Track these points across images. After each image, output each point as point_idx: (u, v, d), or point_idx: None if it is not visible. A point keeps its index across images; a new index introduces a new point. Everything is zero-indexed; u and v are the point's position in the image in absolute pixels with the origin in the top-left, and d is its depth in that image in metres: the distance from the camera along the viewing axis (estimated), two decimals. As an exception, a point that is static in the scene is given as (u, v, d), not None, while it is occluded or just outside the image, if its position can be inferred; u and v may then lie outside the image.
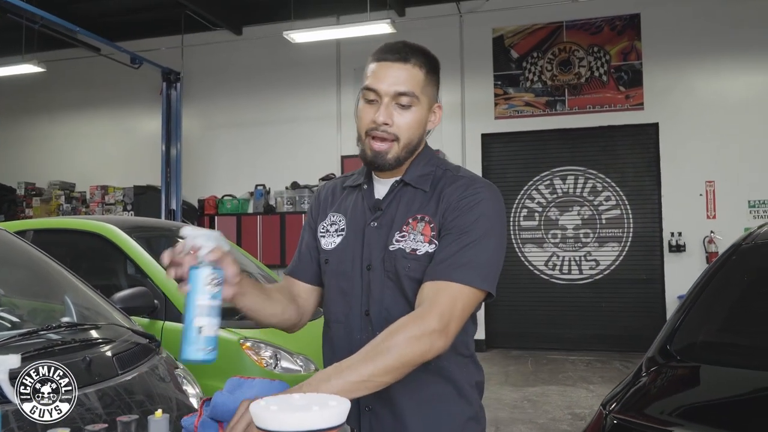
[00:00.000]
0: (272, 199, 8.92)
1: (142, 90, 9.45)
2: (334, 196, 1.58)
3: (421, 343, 1.19)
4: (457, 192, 1.37)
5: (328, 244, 1.50)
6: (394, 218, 1.42)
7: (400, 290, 1.38)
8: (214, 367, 3.33)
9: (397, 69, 1.39)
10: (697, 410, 1.31)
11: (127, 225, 3.93)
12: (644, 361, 1.52)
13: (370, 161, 1.43)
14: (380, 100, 1.38)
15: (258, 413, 0.91)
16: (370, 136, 1.40)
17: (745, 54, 7.59)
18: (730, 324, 1.61)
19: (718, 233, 7.52)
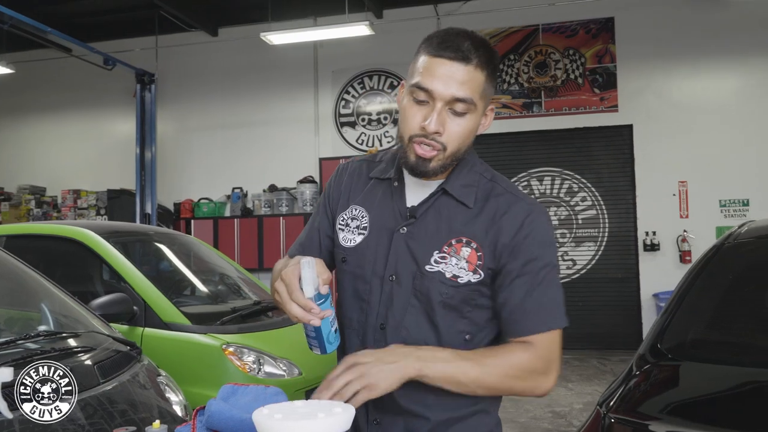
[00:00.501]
0: (249, 202, 8.85)
1: (116, 92, 9.31)
2: (357, 183, 1.42)
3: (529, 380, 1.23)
4: (518, 221, 1.25)
5: (347, 240, 1.37)
6: (429, 232, 1.29)
7: (426, 314, 1.29)
8: (196, 374, 3.31)
9: (456, 70, 1.20)
10: (692, 407, 1.33)
11: (104, 230, 3.87)
12: (635, 360, 1.53)
13: (411, 167, 1.27)
14: (432, 103, 1.22)
15: (261, 422, 0.90)
16: (413, 141, 1.25)
17: (715, 58, 7.75)
18: (717, 322, 1.64)
19: (690, 232, 7.66)
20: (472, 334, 1.29)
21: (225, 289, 4.41)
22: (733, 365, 1.40)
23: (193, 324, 3.43)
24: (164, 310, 3.44)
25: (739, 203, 7.61)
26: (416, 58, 1.26)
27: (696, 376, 1.43)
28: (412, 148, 1.24)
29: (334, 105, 8.86)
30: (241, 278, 4.60)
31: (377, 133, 8.72)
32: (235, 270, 4.69)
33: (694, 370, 1.44)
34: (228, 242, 8.45)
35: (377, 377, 1.15)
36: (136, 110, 8.59)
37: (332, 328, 1.20)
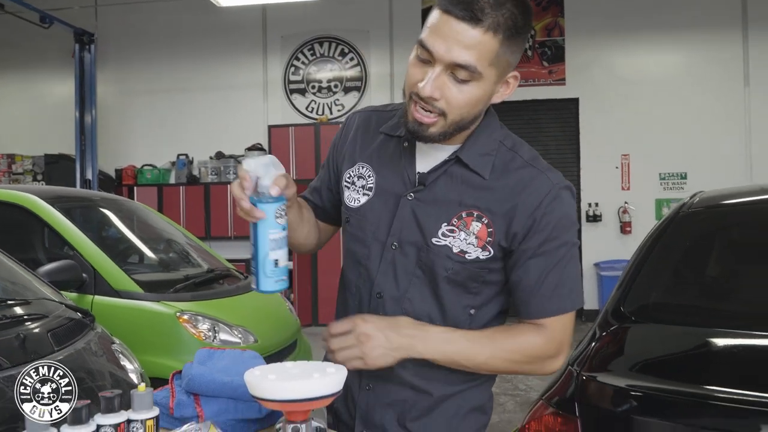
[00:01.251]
0: (195, 170, 8.65)
1: (53, 52, 8.86)
2: (365, 136, 1.33)
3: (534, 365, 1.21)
4: (539, 198, 1.17)
5: (351, 200, 1.30)
6: (438, 201, 1.21)
7: (431, 288, 1.23)
8: (150, 342, 3.26)
9: (463, 30, 1.06)
10: (658, 364, 1.41)
11: (49, 195, 3.72)
12: (598, 322, 1.60)
13: (409, 130, 1.17)
14: (433, 64, 1.10)
15: (254, 383, 0.90)
16: (412, 101, 1.14)
17: (659, 33, 7.94)
18: (677, 286, 1.72)
19: (631, 204, 7.92)
20: (477, 309, 1.24)
21: (176, 256, 4.33)
22: (693, 326, 1.48)
23: (145, 292, 3.36)
24: (115, 277, 3.35)
25: (678, 176, 7.91)
26: (433, 8, 1.13)
27: (660, 336, 1.50)
28: (411, 109, 1.15)
29: (283, 71, 8.70)
30: (192, 245, 4.52)
31: (328, 101, 8.62)
32: (184, 237, 4.60)
33: (657, 331, 1.52)
34: (173, 210, 8.25)
35: (375, 354, 1.13)
36: (75, 72, 8.21)
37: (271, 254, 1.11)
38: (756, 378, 1.24)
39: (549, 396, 1.36)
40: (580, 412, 1.24)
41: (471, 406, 1.28)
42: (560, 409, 1.27)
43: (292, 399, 0.88)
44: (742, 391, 1.16)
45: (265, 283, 1.12)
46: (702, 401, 1.15)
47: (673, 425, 1.16)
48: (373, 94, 8.42)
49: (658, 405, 1.18)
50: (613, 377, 1.31)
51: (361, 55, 8.51)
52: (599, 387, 1.28)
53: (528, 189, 1.18)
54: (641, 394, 1.23)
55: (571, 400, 1.29)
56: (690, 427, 1.13)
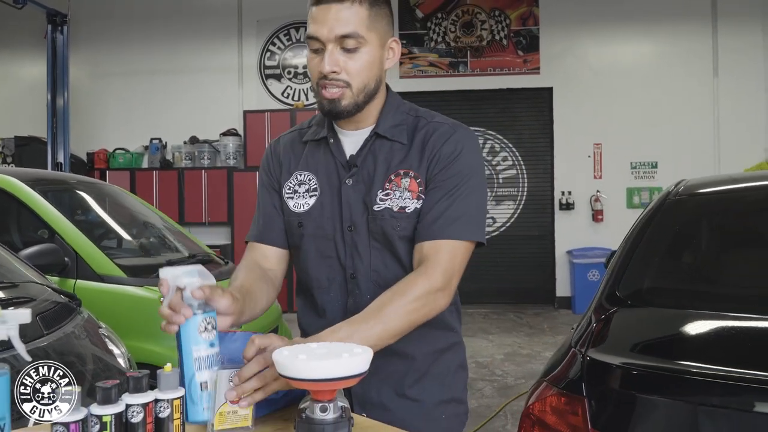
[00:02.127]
0: (169, 154, 8.55)
1: (24, 32, 8.62)
2: (294, 152, 1.46)
3: (428, 303, 1.23)
4: (440, 141, 1.32)
5: (299, 206, 1.40)
6: (372, 175, 1.34)
7: (390, 251, 1.34)
8: (134, 327, 3.24)
9: (336, 10, 1.26)
10: (659, 345, 1.47)
11: (28, 177, 3.65)
12: (595, 303, 1.65)
13: (327, 111, 1.33)
14: (324, 47, 1.28)
15: (285, 363, 0.92)
16: (320, 86, 1.31)
17: (632, 24, 8.08)
18: (670, 271, 1.79)
19: (603, 192, 8.07)
20: None
21: (156, 241, 4.30)
22: (688, 309, 1.54)
23: (128, 276, 3.34)
24: (98, 261, 3.32)
25: (649, 166, 8.08)
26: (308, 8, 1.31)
27: (656, 319, 1.56)
28: (321, 93, 1.31)
29: (259, 56, 8.62)
30: (170, 230, 4.48)
31: (304, 86, 8.57)
32: (162, 221, 4.56)
33: (654, 314, 1.58)
34: (146, 195, 8.13)
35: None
36: (47, 53, 8.00)
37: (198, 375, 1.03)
38: (753, 357, 1.31)
39: (553, 378, 1.40)
40: (587, 391, 1.28)
41: (457, 364, 1.42)
42: (566, 389, 1.32)
43: (322, 378, 0.90)
44: (743, 370, 1.22)
45: (193, 412, 1.02)
46: (703, 379, 1.21)
47: (678, 402, 1.22)
48: (350, 81, 8.41)
49: (662, 383, 1.23)
50: (617, 357, 1.36)
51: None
52: (605, 367, 1.33)
53: (434, 135, 1.33)
54: (646, 373, 1.28)
55: (577, 380, 1.33)
56: (693, 403, 1.19)
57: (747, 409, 1.14)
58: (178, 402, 0.98)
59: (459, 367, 1.43)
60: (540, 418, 1.32)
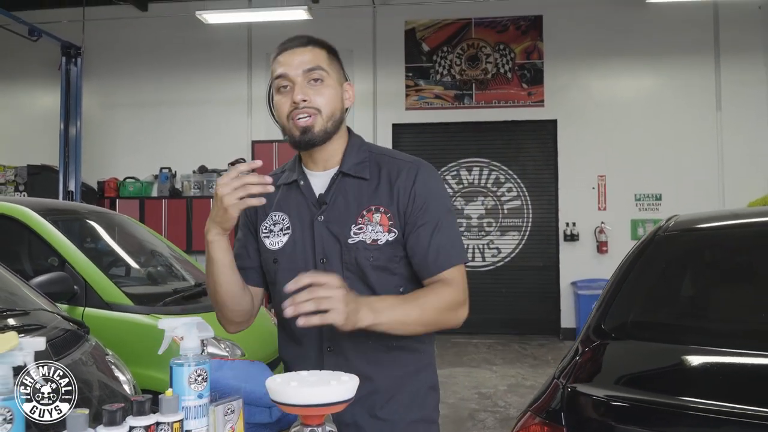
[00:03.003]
0: (178, 183, 8.69)
1: (39, 63, 8.86)
2: (268, 197, 1.49)
3: (454, 312, 1.40)
4: (410, 181, 1.44)
5: (274, 243, 1.50)
6: (342, 211, 1.45)
7: (362, 280, 1.43)
8: (140, 354, 3.30)
9: (300, 53, 1.46)
10: (638, 378, 1.52)
11: (40, 207, 3.76)
12: (580, 339, 1.71)
13: (299, 140, 1.44)
14: (293, 84, 1.43)
15: (277, 389, 0.99)
16: (292, 118, 1.43)
17: (634, 57, 8.21)
18: (655, 306, 1.84)
19: (607, 224, 8.12)
20: (404, 287, 1.45)
21: (163, 269, 4.38)
22: (672, 344, 1.60)
23: (135, 305, 3.41)
24: (106, 290, 3.40)
25: (653, 198, 8.14)
26: (271, 66, 1.49)
27: (638, 352, 1.62)
28: (293, 124, 1.43)
29: (268, 88, 8.76)
30: (177, 259, 4.57)
31: (311, 117, 8.71)
32: (170, 250, 4.65)
33: (636, 348, 1.64)
34: (155, 223, 8.25)
35: (337, 312, 1.20)
36: (61, 84, 8.22)
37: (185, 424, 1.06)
38: (729, 390, 1.36)
39: (536, 408, 1.46)
40: (566, 421, 1.34)
41: (429, 385, 1.51)
42: (547, 419, 1.37)
43: (312, 404, 0.97)
44: (716, 402, 1.27)
45: None
46: (680, 412, 1.27)
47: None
48: (356, 112, 8.55)
49: (639, 415, 1.29)
50: (597, 389, 1.41)
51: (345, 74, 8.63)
52: (584, 398, 1.38)
53: (401, 176, 1.46)
54: (623, 404, 1.34)
55: (557, 410, 1.39)
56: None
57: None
58: (178, 425, 1.05)
59: (430, 388, 1.51)
60: (524, 446, 1.38)
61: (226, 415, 1.11)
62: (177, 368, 1.11)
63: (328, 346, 1.43)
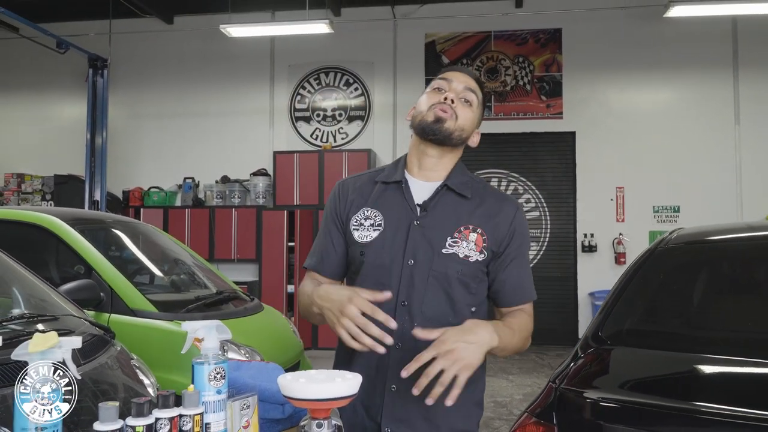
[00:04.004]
0: (201, 193, 8.87)
1: (66, 75, 9.15)
2: (363, 192, 1.64)
3: (529, 340, 1.58)
4: (511, 215, 1.58)
5: (363, 237, 1.57)
6: (440, 221, 1.55)
7: (444, 290, 1.53)
8: (163, 359, 3.42)
9: (467, 77, 1.62)
10: (626, 382, 1.60)
11: (69, 217, 3.91)
12: (579, 345, 1.79)
13: (428, 126, 1.56)
14: (448, 90, 1.58)
15: (287, 385, 1.09)
16: (434, 107, 1.57)
17: (653, 71, 8.23)
18: (649, 315, 1.92)
19: (626, 235, 8.13)
20: (477, 307, 1.57)
21: (186, 277, 4.51)
22: (661, 350, 1.68)
23: (159, 311, 3.54)
24: (131, 297, 3.53)
25: (671, 209, 8.13)
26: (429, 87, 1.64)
27: (630, 358, 1.70)
28: (432, 112, 1.56)
29: (289, 99, 8.97)
30: (200, 267, 4.70)
31: (332, 129, 8.87)
32: (193, 259, 4.79)
33: (628, 354, 1.72)
34: (179, 232, 8.45)
35: (469, 357, 1.31)
36: (88, 95, 8.47)
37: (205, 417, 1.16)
38: (713, 392, 1.44)
39: (532, 409, 1.56)
40: (557, 420, 1.43)
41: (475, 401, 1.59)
42: (541, 419, 1.46)
43: (318, 398, 1.07)
44: (696, 403, 1.36)
45: None
46: (661, 411, 1.35)
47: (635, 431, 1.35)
48: (377, 123, 8.68)
49: (623, 414, 1.37)
50: (585, 390, 1.50)
51: (365, 86, 8.79)
52: (573, 399, 1.47)
53: (503, 209, 1.59)
54: (609, 404, 1.43)
55: (549, 410, 1.49)
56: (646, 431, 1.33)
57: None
58: (199, 418, 1.15)
59: (475, 404, 1.60)
60: (520, 445, 1.47)
61: (242, 410, 1.22)
62: (198, 367, 1.21)
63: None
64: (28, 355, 1.05)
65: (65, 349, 1.10)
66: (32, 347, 1.05)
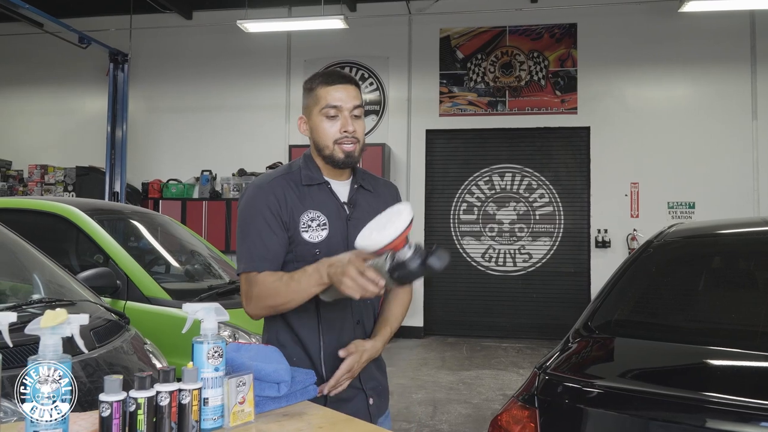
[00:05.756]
0: (218, 185, 9.01)
1: (88, 69, 9.33)
2: (293, 193, 1.76)
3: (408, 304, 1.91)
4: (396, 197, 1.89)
5: (315, 237, 1.73)
6: (365, 213, 1.73)
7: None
8: (175, 345, 3.53)
9: (351, 90, 1.75)
10: (611, 368, 1.66)
11: (88, 207, 4.04)
12: (571, 334, 1.85)
13: (342, 162, 1.75)
14: (341, 114, 1.72)
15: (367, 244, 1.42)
16: (338, 143, 1.73)
17: (668, 66, 8.20)
18: (638, 306, 1.97)
19: (640, 231, 8.11)
20: None
21: (200, 267, 4.63)
22: (647, 339, 1.74)
23: (173, 299, 3.65)
24: (146, 285, 3.65)
25: (686, 206, 8.11)
26: (311, 95, 1.75)
27: (616, 347, 1.76)
28: (339, 149, 1.74)
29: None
30: (214, 258, 4.81)
31: (347, 123, 8.94)
32: (207, 249, 4.90)
33: (615, 343, 1.78)
34: (196, 224, 8.60)
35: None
36: (108, 89, 8.64)
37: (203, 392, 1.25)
38: (690, 379, 1.50)
39: (518, 393, 1.63)
40: (539, 403, 1.49)
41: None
42: (525, 402, 1.53)
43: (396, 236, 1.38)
44: (677, 390, 1.42)
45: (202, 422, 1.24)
46: (630, 395, 1.42)
47: (611, 414, 1.41)
48: (391, 118, 8.74)
49: (601, 399, 1.43)
50: (566, 376, 1.57)
51: (380, 80, 8.85)
52: (554, 384, 1.54)
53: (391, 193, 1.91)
54: (587, 389, 1.49)
55: (532, 395, 1.55)
56: (623, 415, 1.39)
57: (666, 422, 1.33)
58: (196, 392, 1.24)
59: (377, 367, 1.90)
60: (505, 427, 1.53)
61: (238, 386, 1.30)
62: (197, 345, 1.30)
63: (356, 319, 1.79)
64: (40, 330, 1.14)
65: (74, 325, 1.19)
66: (44, 323, 1.14)
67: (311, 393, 1.54)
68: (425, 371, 6.55)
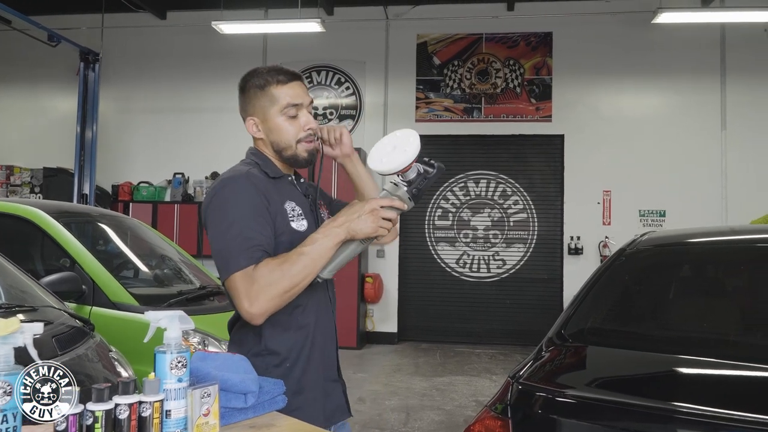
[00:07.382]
0: (191, 188, 8.89)
1: (57, 68, 9.15)
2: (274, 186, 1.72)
3: None
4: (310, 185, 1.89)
5: (300, 227, 1.70)
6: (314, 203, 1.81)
7: None
8: (143, 352, 3.43)
9: (302, 84, 1.75)
10: (584, 377, 1.65)
11: (53, 209, 3.93)
12: (544, 342, 1.84)
13: (305, 161, 1.75)
14: (300, 112, 1.71)
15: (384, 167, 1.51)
16: (302, 141, 1.72)
17: (642, 76, 8.31)
18: (611, 315, 1.97)
19: (612, 238, 8.19)
20: None
21: (170, 272, 4.54)
22: (620, 348, 1.73)
23: (140, 305, 3.56)
24: (113, 290, 3.56)
25: (657, 214, 8.21)
26: (264, 94, 1.71)
27: (589, 356, 1.74)
28: (302, 147, 1.72)
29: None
30: (185, 262, 4.72)
31: (322, 127, 8.88)
32: (178, 254, 4.81)
33: (588, 351, 1.76)
34: (167, 227, 8.47)
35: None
36: (79, 89, 8.47)
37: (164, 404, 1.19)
38: (663, 389, 1.49)
39: (491, 403, 1.60)
40: (511, 413, 1.47)
41: None
42: (498, 413, 1.51)
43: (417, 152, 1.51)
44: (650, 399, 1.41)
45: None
46: (602, 405, 1.41)
47: (584, 424, 1.40)
48: (367, 123, 8.72)
49: (574, 409, 1.42)
50: (539, 386, 1.55)
51: (356, 85, 8.82)
52: (527, 394, 1.52)
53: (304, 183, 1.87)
54: (559, 399, 1.47)
55: (505, 405, 1.53)
56: (595, 425, 1.37)
57: None
58: (158, 404, 1.18)
59: None
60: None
61: (203, 398, 1.25)
62: (160, 355, 1.24)
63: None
64: (-10, 340, 1.08)
65: (27, 334, 1.13)
66: (-6, 332, 1.08)
67: (279, 404, 1.50)
68: (398, 377, 6.52)
